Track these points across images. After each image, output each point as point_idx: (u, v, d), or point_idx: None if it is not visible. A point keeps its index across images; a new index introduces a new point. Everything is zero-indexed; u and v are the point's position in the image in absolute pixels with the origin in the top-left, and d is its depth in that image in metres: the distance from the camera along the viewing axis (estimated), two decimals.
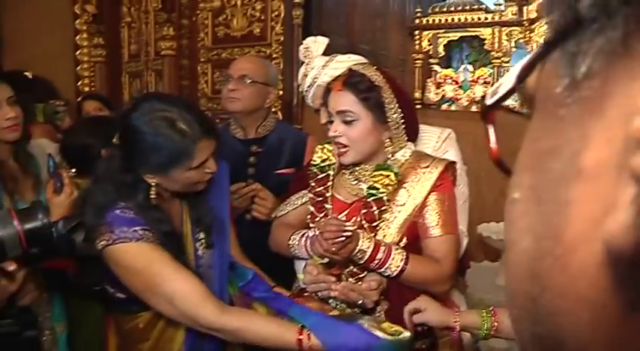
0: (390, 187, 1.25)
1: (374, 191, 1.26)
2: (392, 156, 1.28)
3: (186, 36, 3.08)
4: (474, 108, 3.61)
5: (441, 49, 4.13)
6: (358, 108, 1.23)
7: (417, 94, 3.56)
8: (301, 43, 1.62)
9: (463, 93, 3.79)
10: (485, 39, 3.93)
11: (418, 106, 3.20)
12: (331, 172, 1.35)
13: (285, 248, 1.35)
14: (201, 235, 1.28)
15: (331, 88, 1.26)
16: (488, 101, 0.28)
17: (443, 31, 4.13)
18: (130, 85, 3.41)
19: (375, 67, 1.28)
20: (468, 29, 4.07)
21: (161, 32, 3.08)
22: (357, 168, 1.32)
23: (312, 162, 1.38)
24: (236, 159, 1.72)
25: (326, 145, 1.37)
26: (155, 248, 1.11)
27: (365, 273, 1.25)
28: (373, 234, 1.23)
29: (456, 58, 4.37)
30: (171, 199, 1.26)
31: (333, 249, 1.17)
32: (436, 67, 3.94)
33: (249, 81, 1.75)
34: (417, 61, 3.99)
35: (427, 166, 1.28)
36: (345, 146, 1.25)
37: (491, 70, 3.71)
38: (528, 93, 0.26)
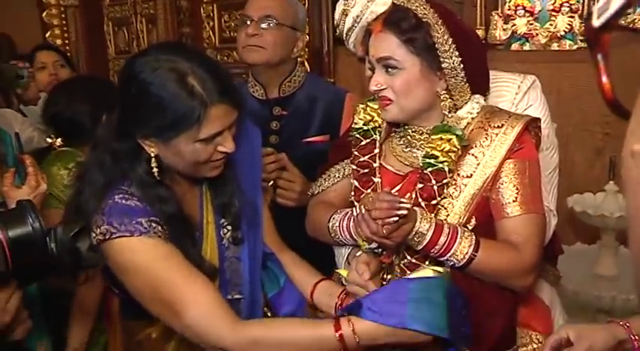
0: (452, 155, 1.24)
1: (432, 160, 1.24)
2: (450, 113, 1.26)
3: None
4: (555, 46, 3.49)
5: None
6: (401, 52, 1.22)
7: (480, 32, 3.46)
8: None
9: (540, 27, 3.65)
10: None
11: None
12: (377, 137, 1.34)
13: (324, 232, 1.36)
14: (228, 228, 1.30)
15: (371, 30, 1.26)
16: (597, 22, 0.27)
17: None
18: (114, 36, 3.43)
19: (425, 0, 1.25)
20: None
21: None
22: (410, 130, 1.31)
23: (353, 125, 1.37)
24: (255, 124, 1.73)
25: (369, 103, 1.36)
26: (162, 244, 1.12)
27: (427, 263, 1.24)
28: (433, 214, 1.22)
29: None
30: (186, 181, 1.26)
31: (384, 232, 1.16)
32: None
33: (274, 23, 1.73)
34: None
35: (501, 126, 1.25)
36: (389, 99, 1.25)
37: None
38: None
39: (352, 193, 1.35)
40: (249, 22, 1.73)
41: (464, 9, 3.77)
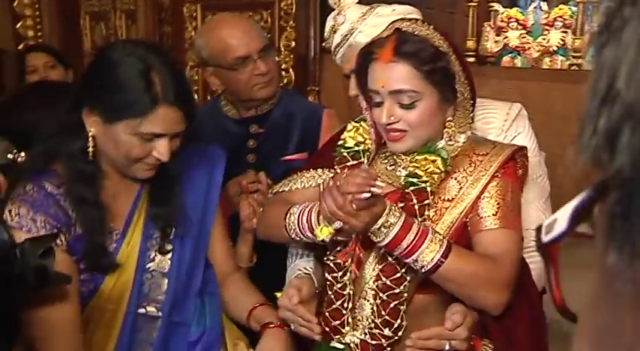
0: (435, 176, 1.24)
1: (414, 179, 1.24)
2: (450, 140, 1.27)
3: None
4: (547, 62, 3.50)
5: None
6: (421, 85, 1.19)
7: (471, 44, 3.46)
8: None
9: (533, 41, 3.66)
10: None
11: (471, 60, 3.12)
12: (365, 161, 1.33)
13: (279, 229, 1.30)
14: (157, 239, 1.32)
15: (375, 57, 1.20)
16: (545, 239, 0.30)
17: None
18: (91, 30, 3.36)
19: (430, 25, 1.23)
20: None
21: None
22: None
23: (342, 142, 1.35)
24: (231, 144, 1.71)
25: (362, 124, 1.35)
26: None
27: (404, 268, 1.20)
28: None
29: None
30: (123, 178, 1.30)
31: (353, 206, 1.10)
32: (497, 7, 3.80)
33: (271, 52, 1.74)
34: None
35: (486, 154, 1.26)
36: (403, 131, 1.22)
37: (575, 9, 3.56)
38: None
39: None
40: (248, 61, 1.69)
41: (455, 19, 3.77)
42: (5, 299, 1.15)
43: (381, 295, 1.23)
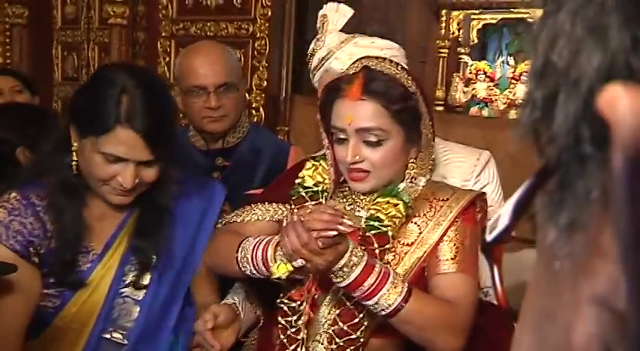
0: (397, 220, 1.23)
1: (375, 223, 1.23)
2: (411, 182, 1.26)
3: (143, 1, 3.06)
4: (512, 114, 3.62)
5: (473, 34, 4.14)
6: (389, 124, 1.19)
7: (440, 93, 3.56)
8: (294, 19, 1.63)
9: (500, 93, 3.79)
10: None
11: (439, 108, 3.21)
12: (323, 201, 1.31)
13: (229, 262, 1.26)
14: (133, 269, 1.31)
15: (343, 94, 1.19)
16: (489, 238, 0.31)
17: (478, 11, 4.14)
18: (63, 60, 3.37)
19: (399, 64, 1.25)
20: (512, 10, 4.08)
21: None
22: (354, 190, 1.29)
23: (300, 180, 1.33)
24: (197, 174, 1.71)
25: (321, 163, 1.33)
26: (8, 260, 1.17)
27: (362, 313, 1.19)
28: None
29: (493, 48, 4.38)
30: (113, 208, 1.31)
31: (319, 245, 1.08)
32: (466, 59, 3.94)
33: (231, 89, 1.75)
34: (442, 50, 3.98)
35: (447, 199, 1.26)
36: (366, 172, 1.21)
37: None
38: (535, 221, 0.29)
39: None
40: (202, 93, 1.73)
41: (426, 69, 3.89)
42: None
43: (337, 340, 1.20)
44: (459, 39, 4.15)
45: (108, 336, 1.29)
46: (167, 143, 1.27)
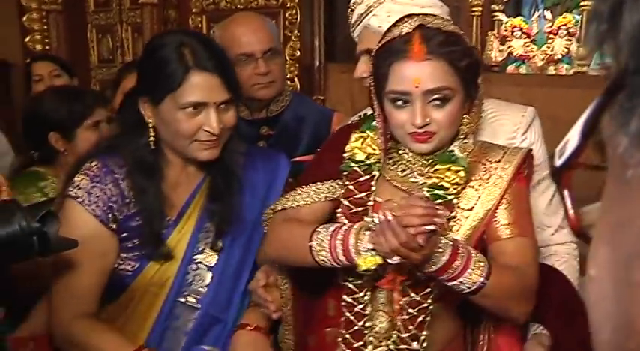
0: (458, 187, 1.22)
1: (440, 192, 1.20)
2: (465, 139, 1.24)
3: None
4: (551, 69, 3.54)
5: None
6: (455, 82, 1.15)
7: None
8: None
9: (537, 49, 3.70)
10: None
11: None
12: (377, 174, 1.27)
13: (298, 252, 1.21)
14: (209, 233, 1.36)
15: (406, 55, 1.13)
16: (558, 162, 0.32)
17: None
18: (98, 43, 3.43)
19: (446, 19, 1.21)
20: None
21: None
22: (405, 155, 1.26)
23: (350, 154, 1.29)
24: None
25: (369, 134, 1.28)
26: (90, 224, 1.26)
27: (432, 282, 1.18)
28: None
29: (528, 3, 4.27)
30: (185, 169, 1.36)
31: (421, 241, 1.04)
32: (501, 16, 3.85)
33: (276, 54, 1.78)
34: (476, 9, 3.91)
35: (498, 161, 1.25)
36: (432, 133, 1.18)
37: (578, 17, 3.60)
38: (602, 145, 0.30)
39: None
40: (250, 60, 1.75)
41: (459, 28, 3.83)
42: (13, 265, 1.24)
43: (410, 310, 1.20)
44: None
45: (183, 300, 1.34)
46: (236, 82, 1.32)
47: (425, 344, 1.21)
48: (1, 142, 2.52)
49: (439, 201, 1.20)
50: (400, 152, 1.27)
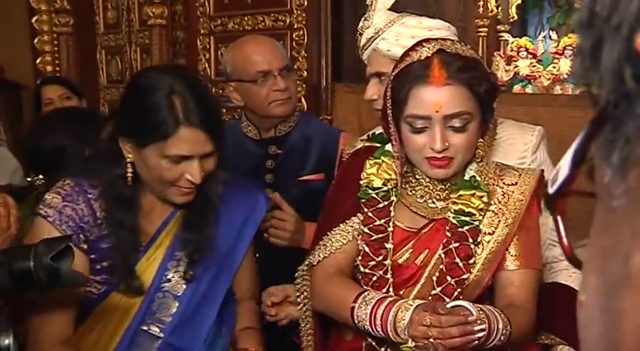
0: (483, 213, 1.25)
1: (467, 218, 1.23)
2: (481, 162, 1.27)
3: (180, 0, 3.14)
4: (558, 89, 3.56)
5: (513, 11, 4.09)
6: (474, 107, 1.18)
7: None
8: (330, 7, 1.63)
9: (543, 69, 3.73)
10: None
11: None
12: (395, 199, 1.29)
13: (341, 312, 1.25)
14: (180, 263, 1.35)
15: (427, 80, 1.15)
16: (551, 190, 0.33)
17: None
18: (107, 64, 3.49)
19: (463, 43, 1.23)
20: None
21: None
22: (423, 180, 1.27)
23: (367, 182, 1.30)
24: (250, 163, 1.79)
25: (384, 160, 1.29)
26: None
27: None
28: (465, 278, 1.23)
29: (534, 24, 4.32)
30: (161, 200, 1.34)
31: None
32: (507, 36, 3.90)
33: (291, 71, 1.82)
34: (482, 29, 3.96)
35: (515, 183, 1.27)
36: (450, 158, 1.19)
37: None
38: (594, 172, 0.31)
39: (359, 258, 1.29)
40: (267, 77, 1.77)
41: None
42: (19, 297, 1.25)
43: (448, 278, 1.25)
44: (498, 16, 4.12)
45: (146, 328, 1.32)
46: (221, 129, 1.31)
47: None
48: (11, 159, 2.56)
49: (467, 227, 1.23)
50: (417, 177, 1.28)
